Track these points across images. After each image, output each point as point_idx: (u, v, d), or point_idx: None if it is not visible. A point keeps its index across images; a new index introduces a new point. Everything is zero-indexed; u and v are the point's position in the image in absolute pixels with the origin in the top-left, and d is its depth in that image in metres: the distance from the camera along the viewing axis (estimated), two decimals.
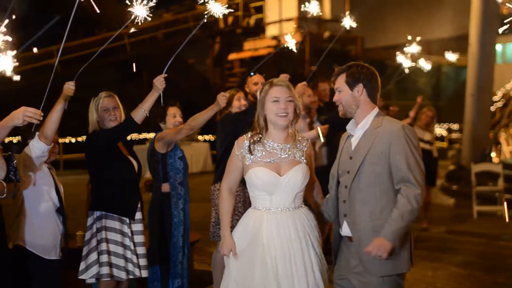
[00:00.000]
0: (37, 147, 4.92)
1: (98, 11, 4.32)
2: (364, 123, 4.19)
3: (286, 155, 4.29)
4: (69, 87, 4.83)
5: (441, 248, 9.90)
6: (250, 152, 4.28)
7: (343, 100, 4.22)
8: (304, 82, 7.55)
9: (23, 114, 4.26)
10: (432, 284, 7.77)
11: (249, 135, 4.34)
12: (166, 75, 5.31)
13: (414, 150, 4.00)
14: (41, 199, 5.11)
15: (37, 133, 4.92)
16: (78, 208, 5.86)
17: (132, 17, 4.66)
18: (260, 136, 4.32)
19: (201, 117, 6.13)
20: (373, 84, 4.21)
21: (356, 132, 4.23)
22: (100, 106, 5.58)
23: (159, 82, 5.30)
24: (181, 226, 6.24)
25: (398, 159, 3.98)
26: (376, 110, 4.22)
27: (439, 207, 13.79)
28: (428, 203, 11.58)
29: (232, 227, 6.60)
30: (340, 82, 4.23)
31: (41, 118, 4.37)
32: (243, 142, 4.33)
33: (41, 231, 5.10)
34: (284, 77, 6.17)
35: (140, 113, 5.34)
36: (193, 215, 6.52)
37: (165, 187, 6.26)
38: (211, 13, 5.09)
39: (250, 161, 4.28)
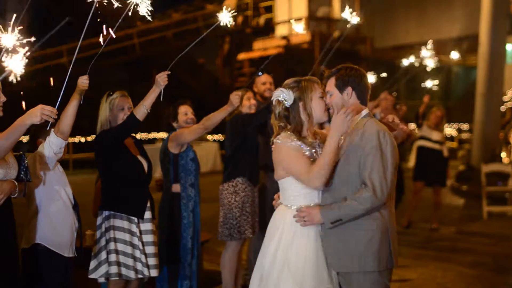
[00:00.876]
0: (54, 144, 4.94)
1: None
2: (351, 122, 4.27)
3: (320, 150, 4.31)
4: (83, 81, 4.88)
5: (451, 248, 9.87)
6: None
7: (334, 103, 4.32)
8: None
9: (41, 112, 4.28)
10: (442, 284, 7.75)
11: (294, 135, 4.30)
12: (169, 72, 5.30)
13: (381, 156, 4.06)
14: (59, 196, 5.12)
15: (52, 129, 4.93)
16: (88, 207, 5.87)
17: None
18: (300, 134, 4.33)
19: (215, 117, 6.14)
20: (362, 86, 4.31)
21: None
22: (115, 105, 5.57)
23: (162, 78, 5.30)
24: (190, 227, 6.24)
25: (366, 161, 4.06)
26: (365, 111, 4.31)
27: (449, 207, 13.75)
28: (438, 204, 11.57)
29: (242, 228, 6.64)
30: (330, 85, 4.33)
31: (56, 117, 4.39)
32: (295, 140, 4.28)
33: (61, 228, 5.10)
34: None
35: (141, 110, 5.31)
36: (202, 215, 6.52)
37: (176, 188, 6.26)
38: (220, 22, 5.11)
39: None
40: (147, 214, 5.59)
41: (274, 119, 4.44)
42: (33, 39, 4.05)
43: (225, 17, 5.15)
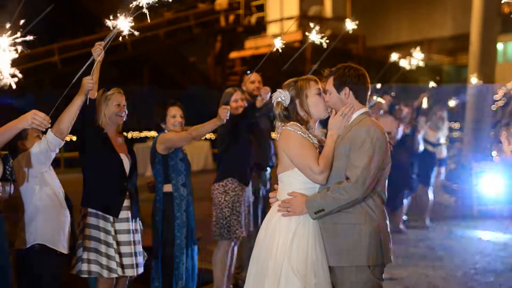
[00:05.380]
0: (53, 144, 4.94)
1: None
2: (348, 121, 4.32)
3: (319, 148, 4.32)
4: (89, 81, 4.93)
5: (442, 247, 9.89)
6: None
7: (331, 102, 4.38)
8: None
9: (32, 117, 4.28)
10: (432, 283, 7.77)
11: (302, 126, 4.32)
12: (103, 42, 5.16)
13: (367, 149, 4.10)
14: (54, 195, 5.11)
15: (50, 129, 4.92)
16: (79, 206, 5.84)
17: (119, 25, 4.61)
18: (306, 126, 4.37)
19: (203, 129, 6.16)
20: (360, 86, 4.35)
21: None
22: (111, 100, 5.58)
23: (95, 51, 5.07)
24: (184, 227, 6.23)
25: (352, 153, 4.12)
26: (362, 109, 4.35)
27: (440, 206, 13.77)
28: (429, 203, 11.58)
29: (232, 228, 6.64)
30: (329, 84, 4.39)
31: (49, 125, 4.39)
32: (303, 129, 4.30)
33: (60, 227, 5.10)
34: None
35: (95, 89, 5.24)
36: (194, 213, 6.50)
37: (167, 188, 6.25)
38: None
39: None
40: (124, 214, 5.55)
41: (277, 121, 4.47)
42: (29, 37, 4.02)
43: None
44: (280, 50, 5.75)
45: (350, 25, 6.60)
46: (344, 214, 4.14)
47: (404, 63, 9.63)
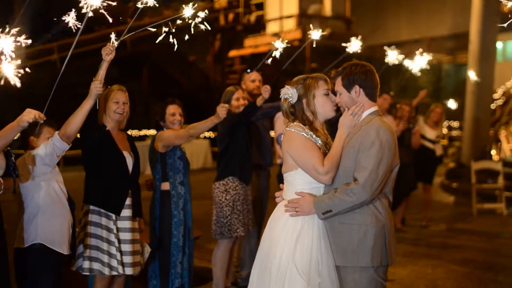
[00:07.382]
0: (59, 147, 4.90)
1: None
2: (358, 120, 4.29)
3: (325, 148, 4.30)
4: (97, 86, 4.93)
5: (441, 245, 9.91)
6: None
7: (343, 102, 4.33)
8: None
9: (27, 115, 4.30)
10: (432, 281, 7.77)
11: (306, 126, 4.30)
12: (115, 44, 5.16)
13: (377, 151, 4.06)
14: (56, 194, 5.08)
15: (57, 132, 4.91)
16: (78, 204, 5.84)
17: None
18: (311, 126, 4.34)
19: (200, 127, 6.12)
20: (369, 82, 4.28)
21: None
22: (110, 96, 5.56)
23: (105, 50, 5.14)
24: (181, 225, 6.23)
25: (360, 156, 4.08)
26: (373, 108, 4.30)
27: (439, 204, 13.79)
28: (428, 201, 11.59)
29: (233, 226, 6.64)
30: (338, 85, 4.33)
31: (42, 121, 4.39)
32: (307, 130, 4.28)
33: (61, 227, 5.08)
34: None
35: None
36: (193, 212, 6.50)
37: (165, 186, 6.25)
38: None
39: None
40: (126, 212, 5.53)
41: (284, 117, 4.46)
42: (29, 41, 4.02)
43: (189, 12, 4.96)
44: (281, 51, 5.73)
45: (355, 44, 6.66)
46: (351, 214, 4.12)
47: (408, 63, 9.58)
